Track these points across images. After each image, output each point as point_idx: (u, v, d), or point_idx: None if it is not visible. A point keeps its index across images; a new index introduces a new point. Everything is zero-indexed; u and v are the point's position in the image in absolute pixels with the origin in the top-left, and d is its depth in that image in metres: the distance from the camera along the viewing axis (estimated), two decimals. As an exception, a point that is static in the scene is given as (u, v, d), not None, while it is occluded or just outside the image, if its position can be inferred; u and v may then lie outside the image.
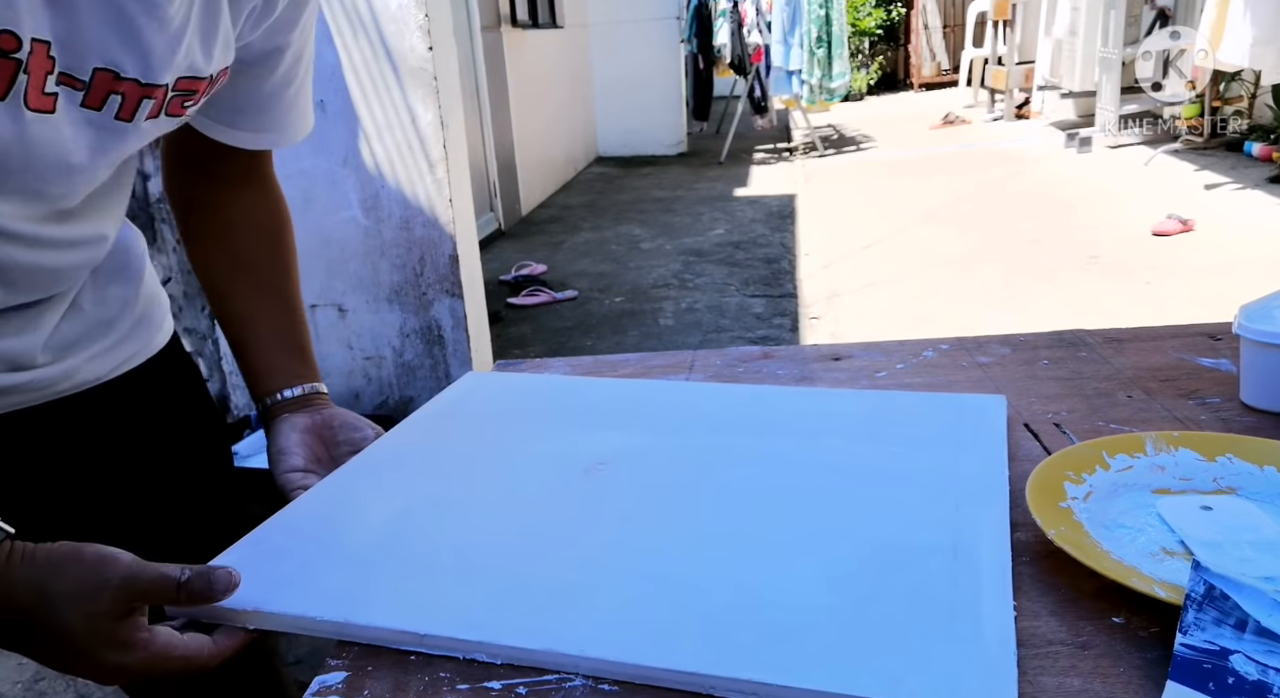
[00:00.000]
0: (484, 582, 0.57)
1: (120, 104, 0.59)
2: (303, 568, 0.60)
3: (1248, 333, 0.75)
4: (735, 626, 0.51)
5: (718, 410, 0.81)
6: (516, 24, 5.92)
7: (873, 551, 0.57)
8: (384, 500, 0.69)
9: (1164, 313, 3.36)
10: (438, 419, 0.84)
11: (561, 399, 0.87)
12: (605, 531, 0.62)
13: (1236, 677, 0.44)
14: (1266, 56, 4.98)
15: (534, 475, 0.71)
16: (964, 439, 0.71)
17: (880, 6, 13.52)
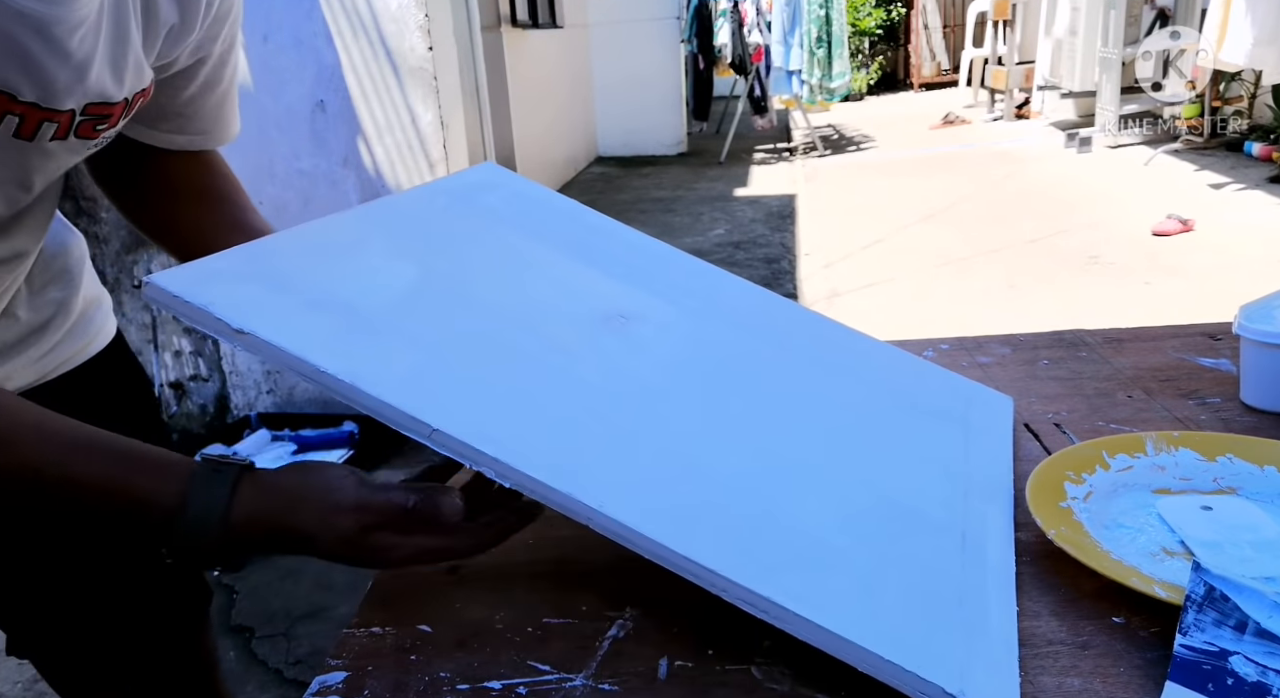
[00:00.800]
0: (522, 404, 0.56)
1: (18, 124, 0.59)
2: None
3: (1248, 333, 0.75)
4: (755, 537, 0.52)
5: (742, 307, 0.78)
6: (516, 24, 5.92)
7: (888, 507, 0.58)
8: (401, 276, 0.65)
9: (1164, 313, 3.36)
10: (447, 199, 0.77)
11: (584, 234, 0.80)
12: (635, 394, 0.62)
13: (1236, 678, 0.44)
14: (1267, 56, 4.98)
15: (555, 304, 0.69)
16: (974, 427, 0.71)
17: (880, 6, 13.50)
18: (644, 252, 0.80)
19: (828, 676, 0.49)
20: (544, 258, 0.74)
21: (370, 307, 0.59)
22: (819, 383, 0.71)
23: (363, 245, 0.66)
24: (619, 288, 0.73)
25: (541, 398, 0.58)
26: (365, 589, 0.61)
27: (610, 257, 0.77)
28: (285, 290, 0.57)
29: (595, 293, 0.71)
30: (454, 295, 0.65)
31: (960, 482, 0.63)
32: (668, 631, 0.54)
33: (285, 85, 2.45)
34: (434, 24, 2.37)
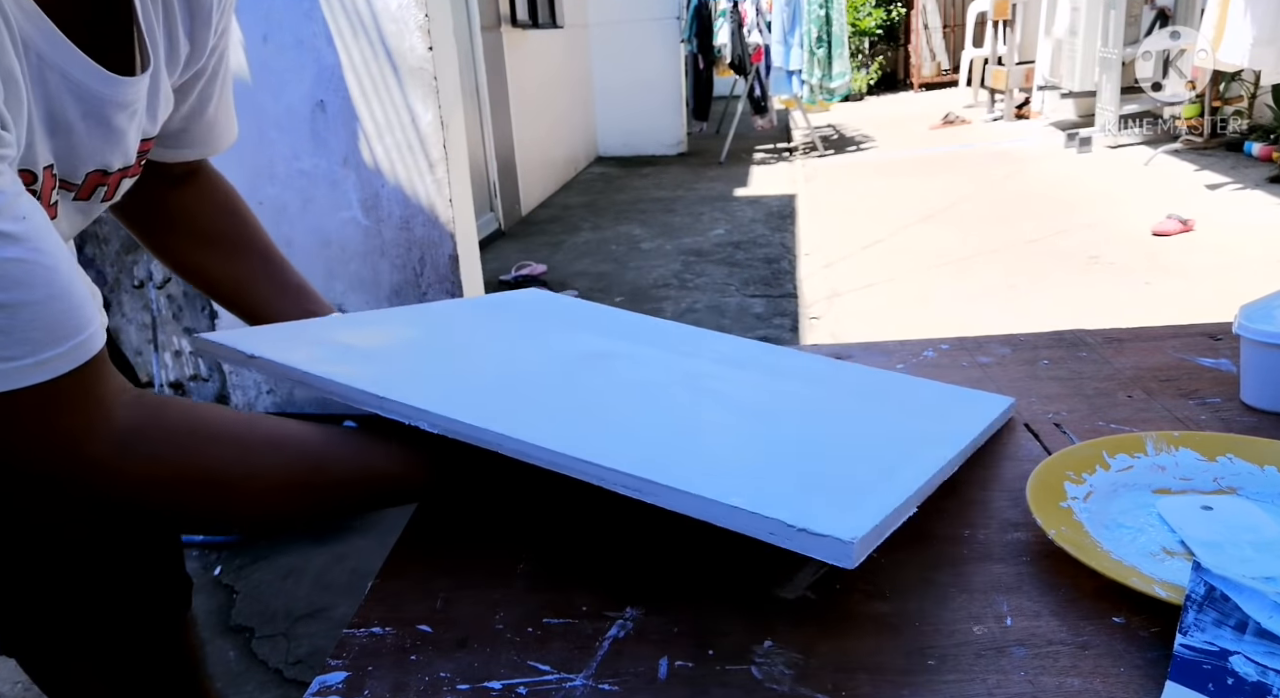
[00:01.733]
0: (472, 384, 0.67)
1: (106, 191, 0.65)
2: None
3: (1248, 333, 0.75)
4: (654, 445, 0.60)
5: (729, 351, 0.86)
6: (516, 24, 5.92)
7: (809, 439, 0.66)
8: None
9: (1164, 313, 3.36)
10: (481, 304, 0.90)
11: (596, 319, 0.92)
12: (599, 391, 0.71)
13: (1236, 678, 0.44)
14: (1266, 56, 4.98)
15: (548, 350, 0.80)
16: (951, 413, 0.74)
17: (880, 6, 13.51)
18: (643, 330, 0.90)
19: (828, 676, 0.49)
20: (559, 333, 0.85)
21: (372, 347, 0.71)
22: (794, 389, 0.76)
23: (389, 321, 0.79)
24: (597, 343, 0.82)
25: (492, 382, 0.68)
26: (365, 589, 0.61)
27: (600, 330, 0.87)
28: (302, 339, 0.70)
29: (574, 348, 0.81)
30: (453, 348, 0.77)
31: (909, 426, 0.69)
32: (668, 631, 0.54)
33: (285, 85, 2.45)
34: (434, 24, 2.37)
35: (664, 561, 0.61)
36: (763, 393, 0.74)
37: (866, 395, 0.76)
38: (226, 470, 0.57)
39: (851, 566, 0.47)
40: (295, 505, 0.62)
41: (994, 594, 0.55)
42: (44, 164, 0.57)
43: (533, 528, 0.66)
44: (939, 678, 0.48)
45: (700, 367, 0.79)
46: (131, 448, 0.54)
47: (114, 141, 0.61)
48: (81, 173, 0.61)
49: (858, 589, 0.56)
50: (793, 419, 0.69)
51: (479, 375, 0.70)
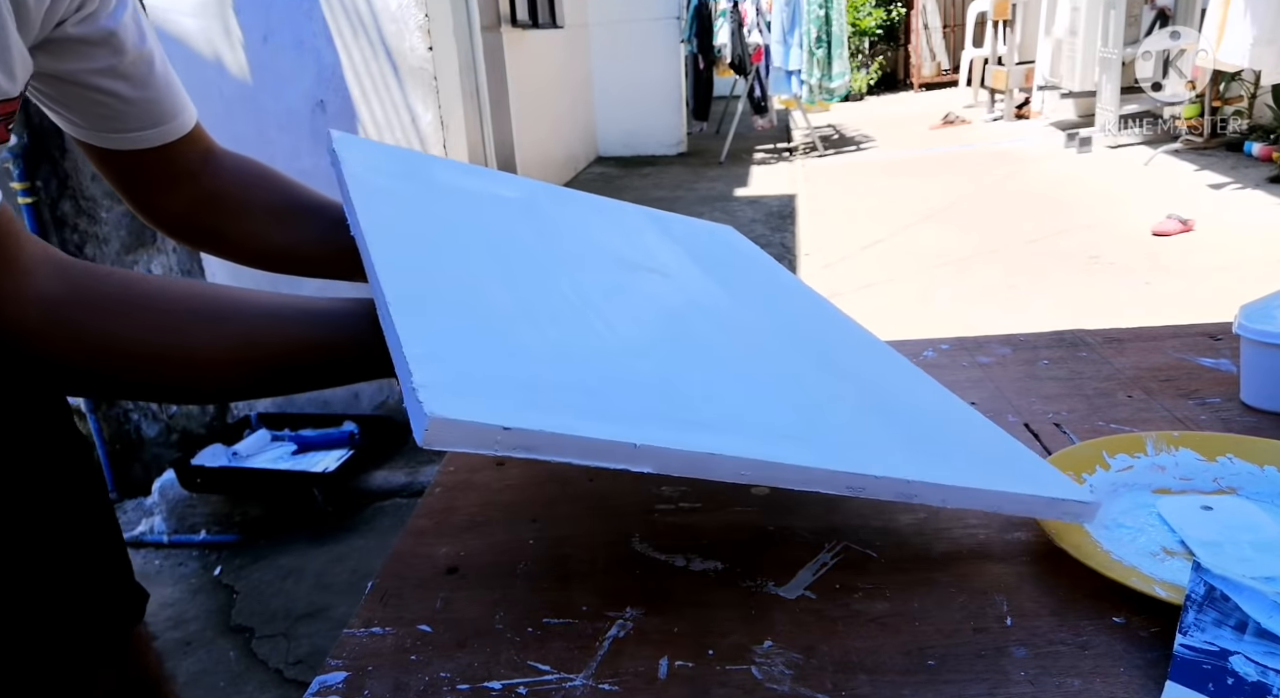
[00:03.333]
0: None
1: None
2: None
3: (1248, 333, 0.75)
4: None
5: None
6: (516, 24, 5.92)
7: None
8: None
9: (1164, 313, 3.36)
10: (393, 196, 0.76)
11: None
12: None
13: (1236, 678, 0.44)
14: (1266, 56, 4.98)
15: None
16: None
17: (880, 6, 13.50)
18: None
19: (828, 676, 0.49)
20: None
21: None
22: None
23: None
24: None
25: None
26: (365, 589, 0.61)
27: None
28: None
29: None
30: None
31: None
32: (668, 631, 0.54)
33: (285, 85, 2.45)
34: (434, 24, 2.37)
35: (664, 561, 0.61)
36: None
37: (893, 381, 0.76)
38: (153, 343, 0.56)
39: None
40: (230, 380, 0.60)
41: (994, 594, 0.55)
42: None
43: (533, 527, 0.66)
44: (939, 678, 0.48)
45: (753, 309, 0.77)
46: (56, 315, 0.53)
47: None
48: None
49: (858, 589, 0.56)
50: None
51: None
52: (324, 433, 2.57)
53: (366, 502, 2.43)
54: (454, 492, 0.74)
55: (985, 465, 0.60)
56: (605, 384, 0.53)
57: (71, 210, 2.61)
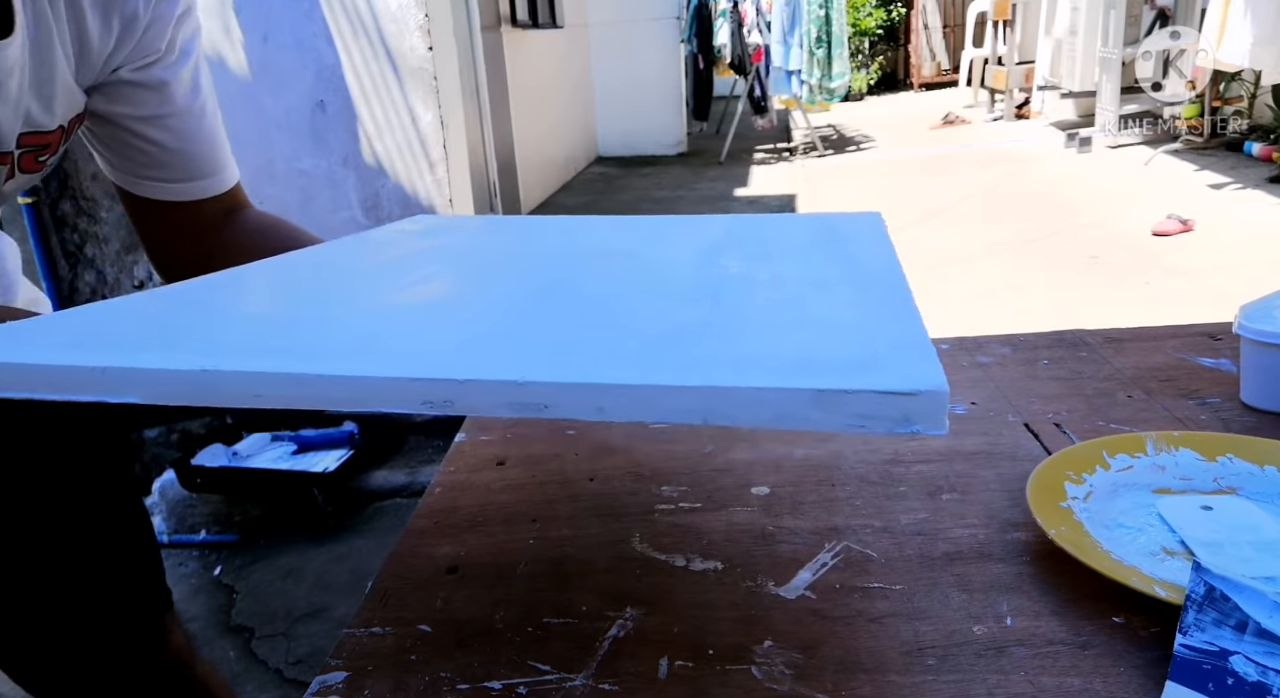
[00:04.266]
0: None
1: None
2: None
3: (1248, 333, 0.75)
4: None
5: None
6: (516, 24, 5.92)
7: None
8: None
9: (1164, 313, 3.35)
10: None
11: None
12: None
13: (1236, 678, 0.44)
14: (1266, 56, 4.98)
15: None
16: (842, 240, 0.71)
17: (880, 6, 13.50)
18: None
19: (828, 676, 0.49)
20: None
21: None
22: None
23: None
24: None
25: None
26: (365, 589, 0.61)
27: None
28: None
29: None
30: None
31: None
32: (668, 631, 0.54)
33: (285, 85, 2.45)
34: (434, 24, 2.37)
35: (664, 561, 0.61)
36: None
37: (750, 247, 0.71)
38: None
39: (944, 431, 0.37)
40: None
41: (994, 594, 0.55)
42: None
43: (533, 528, 0.66)
44: (939, 678, 0.48)
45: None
46: None
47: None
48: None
49: (858, 589, 0.56)
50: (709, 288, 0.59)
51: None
52: (324, 433, 2.57)
53: (366, 502, 2.44)
54: (454, 492, 0.74)
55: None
56: (174, 328, 0.49)
57: (71, 210, 2.61)
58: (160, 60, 0.69)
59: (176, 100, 0.71)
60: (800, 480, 0.70)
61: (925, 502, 0.66)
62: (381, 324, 0.52)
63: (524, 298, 0.58)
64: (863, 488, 0.69)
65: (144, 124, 0.71)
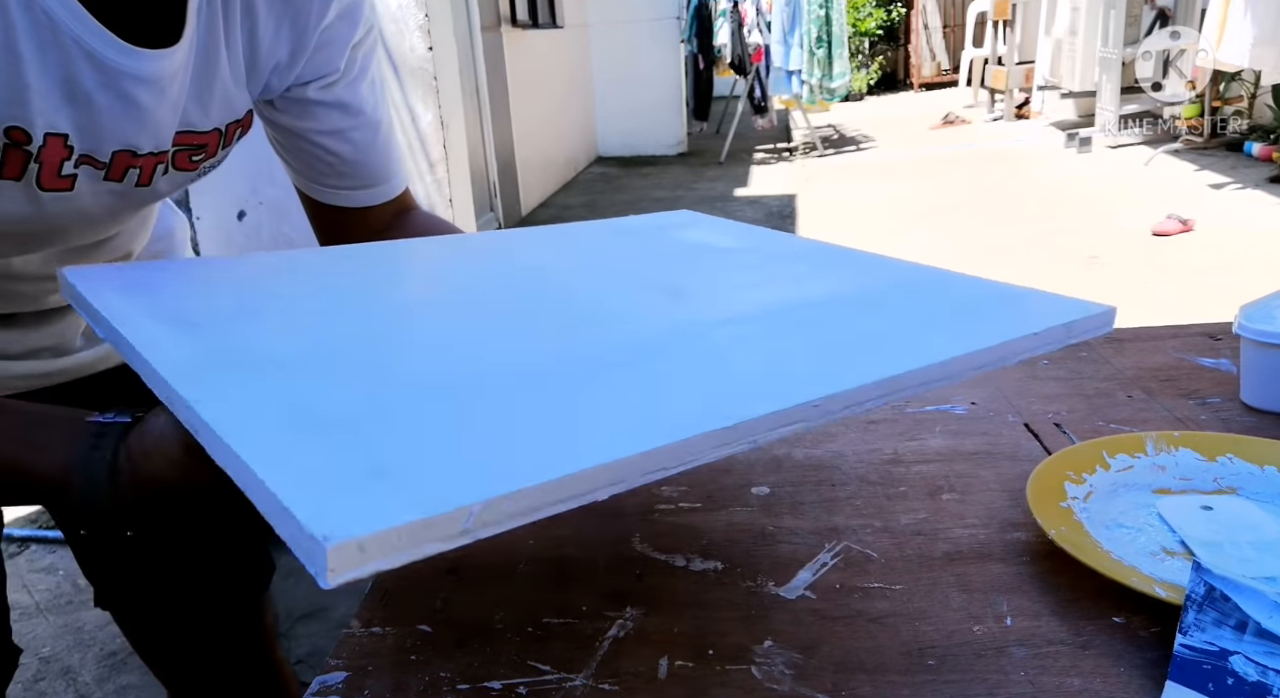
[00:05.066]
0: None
1: (139, 174, 0.65)
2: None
3: (1248, 333, 0.75)
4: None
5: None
6: (516, 24, 5.92)
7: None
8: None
9: (1164, 313, 3.35)
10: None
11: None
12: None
13: (1236, 678, 0.44)
14: (1266, 56, 4.98)
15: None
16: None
17: (880, 6, 13.50)
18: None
19: (828, 676, 0.49)
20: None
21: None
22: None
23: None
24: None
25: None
26: (365, 590, 0.61)
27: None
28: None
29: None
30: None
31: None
32: (668, 631, 0.54)
33: (285, 85, 2.45)
34: (434, 24, 2.37)
35: (664, 561, 0.61)
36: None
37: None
38: None
39: (326, 585, 0.31)
40: None
41: (994, 594, 0.55)
42: (50, 129, 0.57)
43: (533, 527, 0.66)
44: (939, 678, 0.48)
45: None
46: None
47: (138, 120, 0.61)
48: (106, 150, 0.61)
49: (858, 589, 0.56)
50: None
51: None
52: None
53: (366, 502, 2.43)
54: (454, 492, 0.74)
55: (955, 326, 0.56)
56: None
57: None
58: (341, 80, 0.73)
59: (356, 116, 0.75)
60: (800, 480, 0.71)
61: (925, 502, 0.66)
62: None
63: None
64: (863, 488, 0.69)
65: (327, 137, 0.75)
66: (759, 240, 0.79)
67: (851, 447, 0.76)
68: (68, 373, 0.79)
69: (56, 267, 0.68)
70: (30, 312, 0.74)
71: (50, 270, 0.70)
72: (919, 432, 0.77)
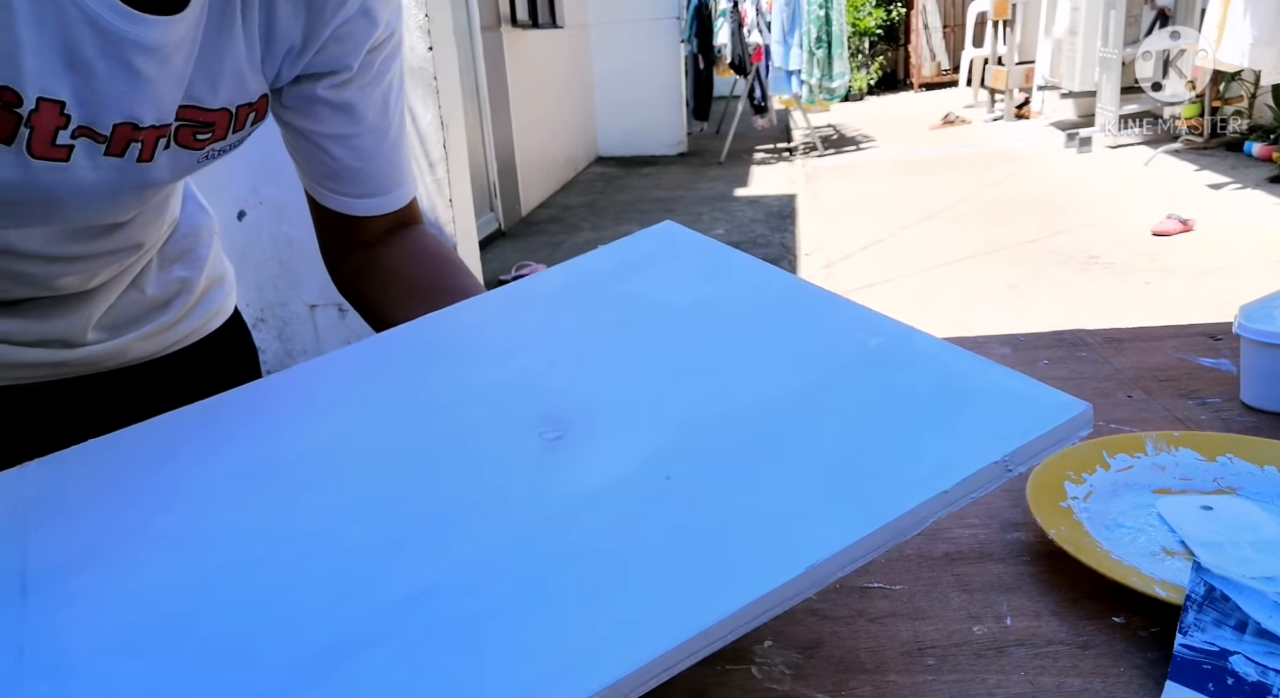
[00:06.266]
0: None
1: (140, 149, 0.62)
2: None
3: (1248, 333, 0.75)
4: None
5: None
6: (516, 24, 5.92)
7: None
8: None
9: (1164, 313, 3.36)
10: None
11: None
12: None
13: (1236, 678, 0.44)
14: (1266, 56, 4.98)
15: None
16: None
17: (880, 6, 13.51)
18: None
19: (828, 676, 0.49)
20: None
21: None
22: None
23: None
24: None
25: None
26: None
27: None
28: None
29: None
30: None
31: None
32: (668, 631, 0.54)
33: (285, 85, 2.44)
34: (434, 24, 2.37)
35: (664, 561, 0.61)
36: None
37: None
38: None
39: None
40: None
41: (994, 594, 0.55)
42: (43, 94, 0.55)
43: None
44: (939, 678, 0.48)
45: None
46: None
47: (140, 90, 0.59)
48: (107, 122, 0.59)
49: (857, 589, 0.56)
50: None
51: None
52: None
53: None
54: (454, 492, 0.74)
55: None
56: None
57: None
58: (353, 81, 0.70)
59: (362, 122, 0.73)
60: (800, 480, 0.70)
61: (925, 502, 0.66)
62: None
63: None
64: (863, 488, 0.69)
65: (329, 141, 0.73)
66: (718, 288, 0.62)
67: (851, 447, 0.75)
68: (75, 366, 0.77)
69: (60, 247, 0.67)
70: (41, 299, 0.72)
71: (54, 250, 0.68)
72: (919, 432, 0.77)
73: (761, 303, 0.60)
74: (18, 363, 0.73)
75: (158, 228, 0.77)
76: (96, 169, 0.61)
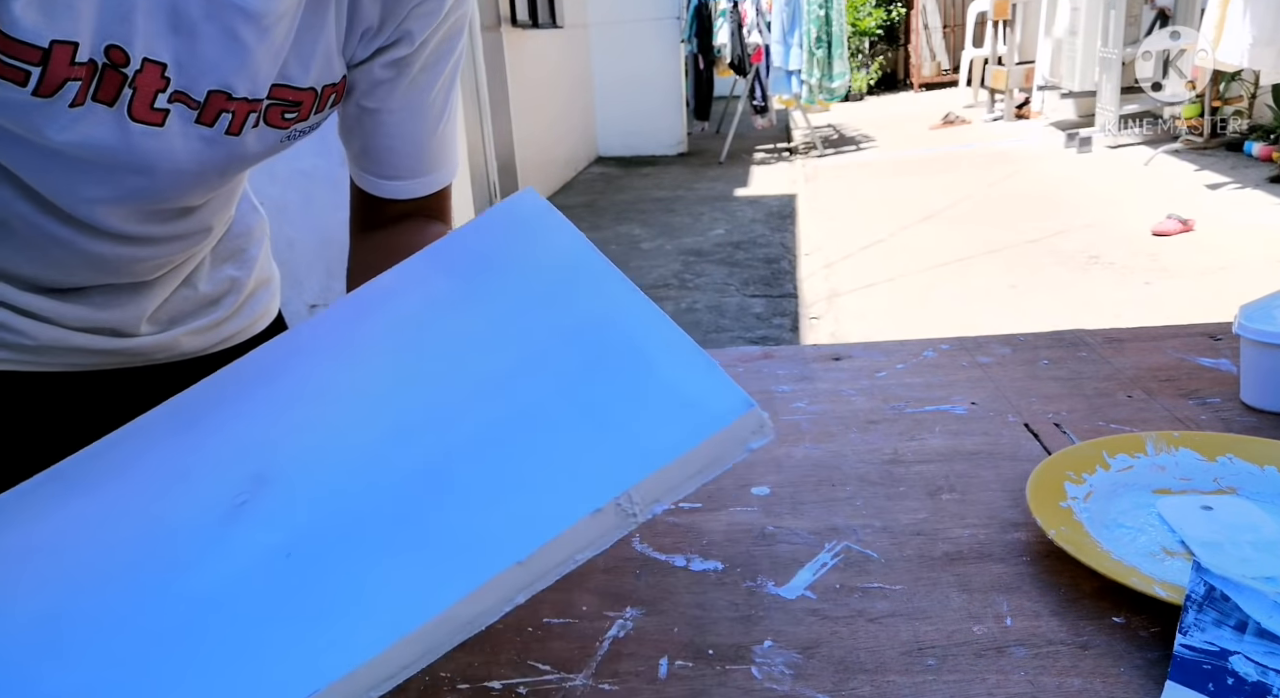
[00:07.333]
0: None
1: (230, 121, 0.62)
2: None
3: (1248, 333, 0.75)
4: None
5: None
6: (516, 24, 5.92)
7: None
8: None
9: (1164, 313, 3.36)
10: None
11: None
12: None
13: (1236, 678, 0.44)
14: (1266, 56, 4.98)
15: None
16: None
17: (880, 6, 13.51)
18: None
19: (828, 676, 0.49)
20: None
21: None
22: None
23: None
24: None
25: None
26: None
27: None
28: None
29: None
30: None
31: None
32: (668, 631, 0.54)
33: (285, 85, 2.45)
34: (434, 24, 2.37)
35: (664, 561, 0.61)
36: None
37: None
38: None
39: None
40: None
41: (994, 594, 0.55)
42: (148, 54, 0.55)
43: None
44: (939, 678, 0.48)
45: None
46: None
47: (238, 58, 0.59)
48: (202, 88, 0.59)
49: (858, 589, 0.56)
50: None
51: None
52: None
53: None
54: (454, 492, 0.74)
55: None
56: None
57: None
58: (414, 56, 0.71)
59: (396, 97, 0.74)
60: (800, 480, 0.71)
61: (925, 502, 0.66)
62: None
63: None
64: (863, 488, 0.69)
65: (365, 114, 0.74)
66: (513, 281, 0.58)
67: (851, 446, 0.76)
68: (124, 357, 0.77)
69: (138, 226, 0.67)
70: (102, 287, 0.72)
71: (133, 229, 0.67)
72: (919, 431, 0.77)
73: (535, 298, 0.55)
74: (69, 347, 0.73)
75: (226, 214, 0.79)
76: (187, 137, 0.61)
